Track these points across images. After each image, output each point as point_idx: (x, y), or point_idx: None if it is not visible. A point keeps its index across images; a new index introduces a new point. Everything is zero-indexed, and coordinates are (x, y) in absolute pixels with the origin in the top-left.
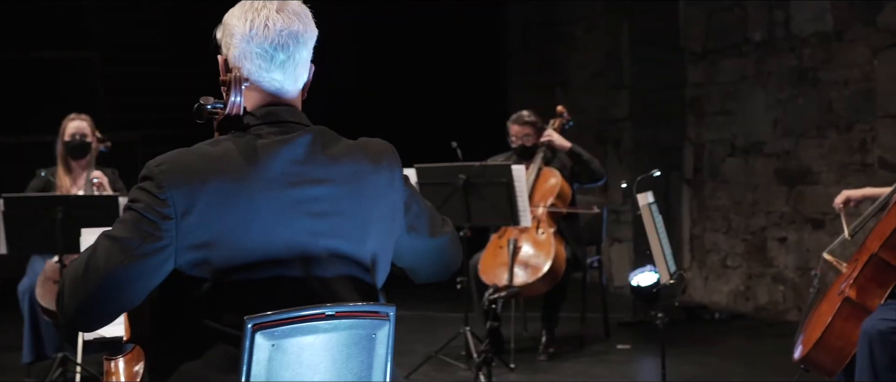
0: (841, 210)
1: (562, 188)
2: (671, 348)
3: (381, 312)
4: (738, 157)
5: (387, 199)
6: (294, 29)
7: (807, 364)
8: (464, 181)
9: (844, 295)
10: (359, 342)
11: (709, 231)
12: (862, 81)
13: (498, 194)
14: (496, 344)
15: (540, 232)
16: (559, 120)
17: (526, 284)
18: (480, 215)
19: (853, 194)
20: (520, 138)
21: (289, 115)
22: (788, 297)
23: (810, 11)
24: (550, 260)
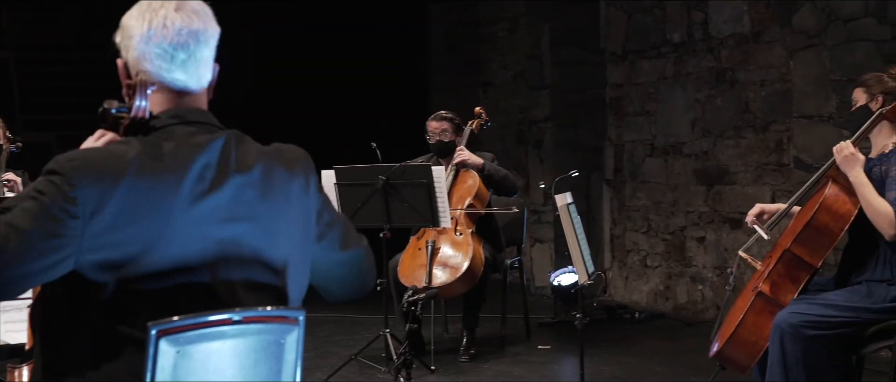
0: (753, 224)
1: (479, 189)
2: (592, 348)
3: (291, 316)
4: (657, 157)
5: (300, 205)
6: (194, 27)
7: (721, 360)
8: (383, 182)
9: (758, 290)
10: (267, 347)
11: (629, 231)
12: (778, 81)
13: (418, 196)
14: (416, 346)
15: (458, 233)
16: (477, 121)
17: (445, 284)
18: (400, 217)
19: (767, 208)
20: (437, 134)
21: (197, 116)
22: (707, 296)
23: (728, 13)
24: (468, 260)
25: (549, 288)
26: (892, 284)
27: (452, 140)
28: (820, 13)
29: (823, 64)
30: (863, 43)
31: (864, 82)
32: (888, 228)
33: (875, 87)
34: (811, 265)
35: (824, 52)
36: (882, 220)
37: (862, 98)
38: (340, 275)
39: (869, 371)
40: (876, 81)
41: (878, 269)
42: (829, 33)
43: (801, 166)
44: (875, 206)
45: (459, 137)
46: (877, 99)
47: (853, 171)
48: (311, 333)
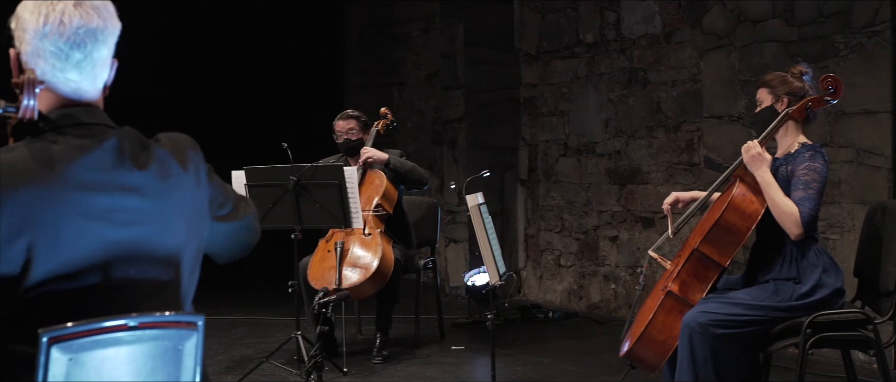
0: (668, 212)
1: (387, 189)
2: (505, 348)
3: (189, 322)
4: (570, 157)
5: (195, 200)
6: (92, 26)
7: (632, 360)
8: (294, 183)
9: (667, 290)
10: (165, 353)
11: (543, 231)
12: (689, 82)
13: (329, 196)
14: (329, 348)
15: (366, 233)
16: (383, 122)
17: (355, 285)
18: (312, 218)
19: (682, 196)
20: (345, 133)
21: (88, 116)
22: (620, 295)
23: (640, 14)
24: (378, 260)
25: (464, 288)
26: (798, 282)
27: (360, 139)
28: (729, 14)
29: (733, 65)
30: (771, 44)
31: (767, 83)
32: (794, 227)
33: (779, 87)
34: (719, 263)
35: (733, 52)
36: (787, 219)
37: (767, 99)
38: (232, 241)
39: (776, 368)
40: (780, 82)
41: (785, 268)
42: (738, 34)
43: (712, 165)
44: (780, 205)
45: (366, 136)
46: (782, 100)
47: (760, 170)
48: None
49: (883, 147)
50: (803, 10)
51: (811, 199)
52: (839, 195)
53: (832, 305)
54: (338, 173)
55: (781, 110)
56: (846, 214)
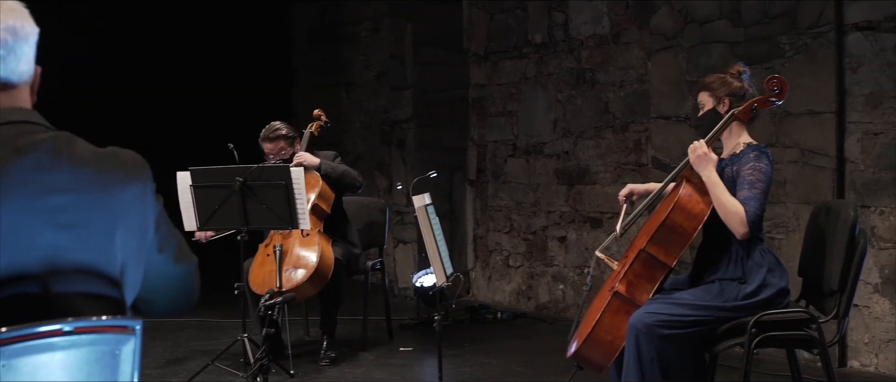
0: (624, 203)
1: (322, 189)
2: (454, 349)
3: (126, 326)
4: (519, 157)
5: (137, 212)
6: (10, 24)
7: (579, 360)
8: (241, 184)
9: (614, 290)
10: (101, 359)
11: (492, 231)
12: (637, 82)
13: (276, 197)
14: (276, 350)
15: (304, 233)
16: (317, 123)
17: (295, 286)
18: (258, 219)
19: (636, 187)
20: (275, 155)
21: (20, 115)
22: (568, 295)
23: (588, 14)
24: (317, 259)
25: (412, 289)
26: (743, 282)
27: (292, 153)
28: (677, 15)
29: (680, 65)
30: (717, 45)
31: (708, 86)
32: (739, 226)
33: (720, 89)
34: (666, 264)
35: (681, 53)
36: (733, 219)
37: (708, 102)
38: (169, 289)
39: (722, 367)
40: (720, 84)
41: (730, 268)
42: (686, 35)
43: (659, 165)
44: (726, 205)
45: (298, 145)
46: (723, 102)
47: (706, 170)
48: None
49: (827, 147)
50: (749, 11)
51: (756, 198)
52: (784, 195)
53: (777, 304)
54: (284, 174)
55: (724, 112)
56: (791, 214)
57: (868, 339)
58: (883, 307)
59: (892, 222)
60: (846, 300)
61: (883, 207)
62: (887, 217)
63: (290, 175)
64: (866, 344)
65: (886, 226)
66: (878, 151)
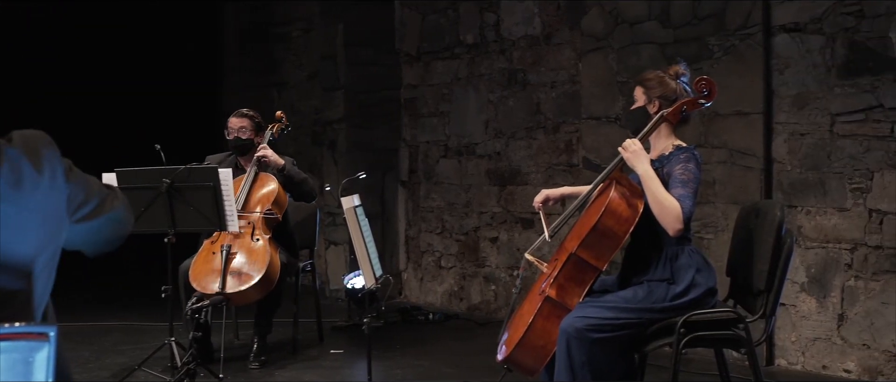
0: (540, 209)
1: (279, 195)
2: (385, 351)
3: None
4: (451, 158)
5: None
6: None
7: (510, 365)
8: (168, 186)
9: (545, 294)
10: (13, 367)
11: (424, 232)
12: (568, 83)
13: (204, 199)
14: (205, 354)
15: (255, 239)
16: (277, 125)
17: (238, 292)
18: (186, 221)
19: (551, 193)
20: (236, 131)
21: None
22: (500, 296)
23: (520, 15)
24: (265, 268)
25: (343, 291)
26: (671, 283)
27: (251, 139)
28: (607, 16)
29: (611, 66)
30: (647, 46)
31: (644, 82)
32: (675, 222)
33: (654, 89)
34: (597, 267)
35: (611, 54)
36: (669, 214)
37: (641, 98)
38: (96, 238)
39: (652, 367)
40: (657, 84)
41: (659, 269)
42: (616, 36)
43: (590, 166)
44: (662, 200)
45: (260, 137)
46: (654, 103)
47: (641, 166)
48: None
49: (755, 148)
50: (678, 13)
51: (690, 197)
52: (713, 195)
53: (705, 304)
54: (212, 175)
55: (654, 113)
56: (720, 214)
57: (795, 338)
58: (809, 306)
59: (819, 222)
60: (773, 300)
61: (809, 207)
62: (814, 217)
63: (218, 176)
64: (793, 343)
65: (813, 225)
66: (804, 151)
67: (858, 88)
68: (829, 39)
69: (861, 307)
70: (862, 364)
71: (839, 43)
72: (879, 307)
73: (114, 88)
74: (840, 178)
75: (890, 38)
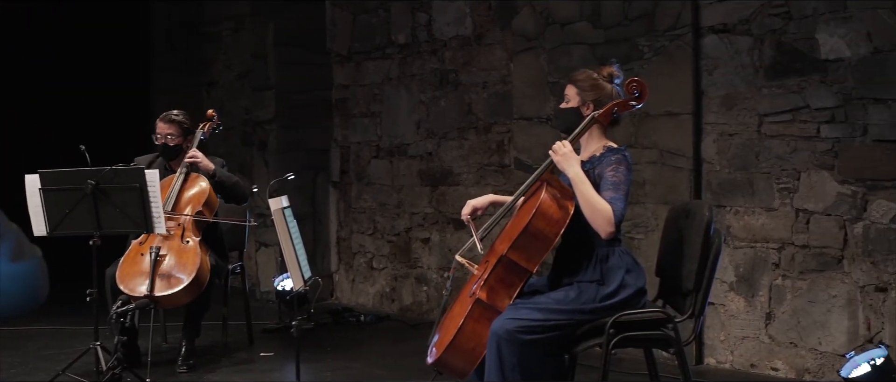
0: (468, 221)
1: (209, 196)
2: (316, 353)
3: None
4: (383, 158)
5: None
6: None
7: (440, 367)
8: (93, 187)
9: (476, 297)
10: None
11: (356, 233)
12: (499, 83)
13: (130, 201)
14: (132, 358)
15: (185, 241)
16: (209, 124)
17: (167, 295)
18: (112, 223)
19: (477, 203)
20: (163, 137)
21: None
22: (432, 297)
23: (451, 15)
24: (195, 270)
25: (274, 293)
26: (601, 284)
27: (179, 144)
28: (538, 16)
29: (542, 66)
30: (578, 46)
31: (577, 82)
32: (606, 225)
33: (588, 92)
34: (527, 270)
35: (542, 54)
36: (600, 217)
37: (574, 98)
38: (11, 289)
39: (583, 367)
40: (589, 86)
41: (589, 270)
42: (547, 36)
43: (521, 166)
44: (594, 203)
45: (188, 141)
46: (587, 105)
47: (571, 169)
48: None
49: (685, 148)
50: (609, 13)
51: (621, 199)
52: (644, 196)
53: (635, 305)
54: (138, 177)
55: (586, 115)
56: (650, 214)
57: (724, 337)
58: (738, 305)
59: (747, 222)
60: (702, 300)
61: (738, 206)
62: (742, 217)
63: (145, 178)
64: (722, 342)
65: (741, 225)
66: (733, 151)
67: (786, 89)
68: (757, 40)
69: (788, 305)
70: (789, 363)
71: (767, 44)
72: (806, 306)
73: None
74: (768, 178)
75: (816, 40)
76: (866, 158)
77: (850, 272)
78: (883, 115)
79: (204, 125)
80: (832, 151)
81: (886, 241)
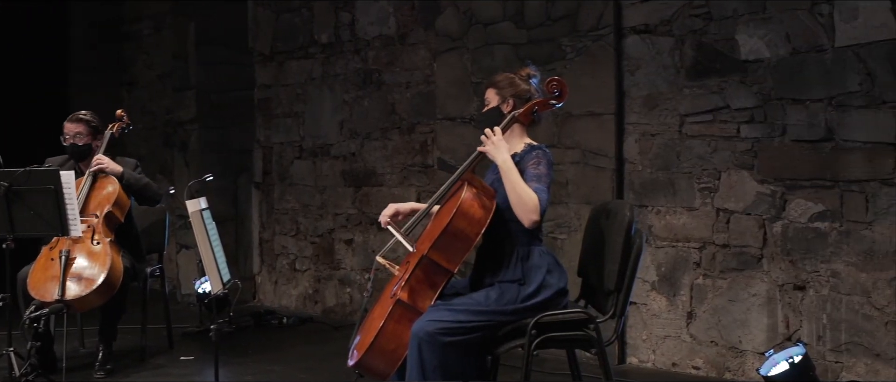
0: (387, 224)
1: (119, 197)
2: (237, 356)
3: None
4: (306, 159)
5: None
6: None
7: (361, 369)
8: (6, 189)
9: (396, 298)
10: None
11: (278, 235)
12: (423, 83)
13: (44, 203)
14: (47, 364)
15: (95, 242)
16: (118, 124)
17: (79, 297)
18: (26, 226)
19: (401, 207)
20: (71, 137)
21: None
22: (355, 298)
23: (374, 14)
24: (106, 271)
25: (195, 296)
26: (522, 284)
27: (88, 144)
28: (462, 16)
29: (465, 66)
30: (501, 46)
31: (495, 83)
32: (532, 214)
33: (506, 89)
34: (448, 270)
35: (466, 54)
36: (526, 206)
37: (494, 99)
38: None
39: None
40: (508, 84)
41: (511, 270)
42: (470, 36)
43: (445, 166)
44: (521, 192)
45: (98, 141)
46: (508, 102)
47: (501, 156)
48: None
49: (607, 148)
50: (532, 14)
51: (544, 190)
52: (566, 196)
53: (556, 305)
54: (53, 178)
55: (507, 112)
56: (573, 214)
57: (646, 336)
58: (660, 305)
59: (669, 221)
60: (623, 300)
61: (660, 206)
62: (664, 216)
63: (60, 179)
64: (644, 341)
65: (663, 225)
66: (654, 151)
67: (706, 89)
68: (679, 41)
69: (709, 304)
70: (710, 361)
71: (688, 44)
72: (726, 305)
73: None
74: (689, 178)
75: (736, 40)
76: (785, 157)
77: (770, 271)
78: (801, 115)
79: (113, 126)
80: (752, 151)
81: (805, 240)
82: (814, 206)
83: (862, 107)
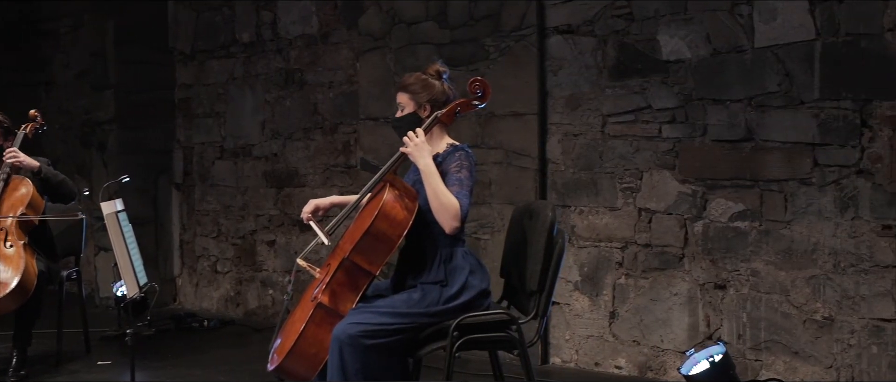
0: (309, 220)
1: (33, 198)
2: (156, 360)
3: None
4: (227, 159)
5: None
6: None
7: (281, 374)
8: None
9: (317, 301)
10: None
11: (199, 236)
12: (346, 83)
13: None
14: None
15: (8, 245)
16: (32, 125)
17: None
18: None
19: (320, 202)
20: None
21: None
22: (277, 301)
23: (297, 13)
24: (19, 275)
25: (113, 299)
26: (444, 285)
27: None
28: (385, 16)
29: (388, 66)
30: (424, 46)
31: (407, 87)
32: (452, 220)
33: (421, 94)
34: (370, 272)
35: (389, 54)
36: (447, 212)
37: (409, 104)
38: None
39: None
40: (421, 87)
41: (433, 271)
42: (394, 36)
43: (368, 167)
44: (442, 197)
45: (10, 142)
46: (424, 107)
47: (423, 159)
48: None
49: (530, 149)
50: (455, 13)
51: (466, 195)
52: (490, 196)
53: (478, 306)
54: None
55: (425, 116)
56: (496, 214)
57: (569, 336)
58: (582, 304)
59: (591, 221)
60: (545, 300)
61: (582, 206)
62: (586, 216)
63: None
64: (567, 341)
65: (585, 225)
66: (577, 151)
67: (628, 90)
68: (601, 41)
69: (631, 304)
70: (632, 361)
71: (610, 45)
72: (649, 304)
73: None
74: (611, 178)
75: (658, 41)
76: (706, 157)
77: (691, 271)
78: (721, 115)
79: (26, 126)
80: (673, 151)
81: (725, 239)
82: (734, 205)
83: (781, 107)
